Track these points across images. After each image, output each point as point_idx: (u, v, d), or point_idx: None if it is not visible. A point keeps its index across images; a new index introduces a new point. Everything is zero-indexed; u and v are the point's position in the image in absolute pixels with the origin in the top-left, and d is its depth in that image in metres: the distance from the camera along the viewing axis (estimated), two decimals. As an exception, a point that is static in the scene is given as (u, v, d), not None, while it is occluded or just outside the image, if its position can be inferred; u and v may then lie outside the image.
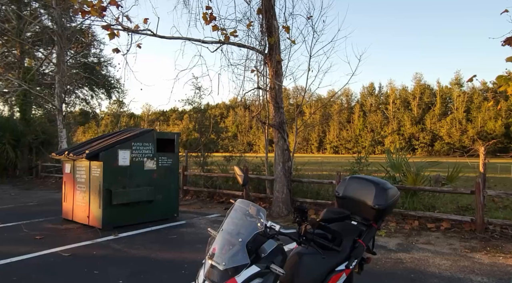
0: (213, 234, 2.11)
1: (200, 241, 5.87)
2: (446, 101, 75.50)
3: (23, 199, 10.65)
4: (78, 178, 7.19)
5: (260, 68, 8.53)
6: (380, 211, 2.75)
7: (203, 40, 7.76)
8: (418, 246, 5.65)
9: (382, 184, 2.86)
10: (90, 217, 6.81)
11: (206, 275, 1.92)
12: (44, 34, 17.14)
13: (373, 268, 4.46)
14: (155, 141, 7.33)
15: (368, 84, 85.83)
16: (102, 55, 21.25)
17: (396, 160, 8.14)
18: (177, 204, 7.85)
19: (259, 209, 2.12)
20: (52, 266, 4.63)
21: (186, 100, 14.24)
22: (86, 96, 22.79)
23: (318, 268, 2.32)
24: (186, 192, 10.89)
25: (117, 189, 6.64)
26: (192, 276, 4.18)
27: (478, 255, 5.18)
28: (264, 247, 1.97)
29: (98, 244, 5.69)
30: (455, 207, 7.82)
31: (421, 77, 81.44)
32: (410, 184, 7.57)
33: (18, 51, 17.37)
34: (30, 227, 6.82)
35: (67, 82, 14.89)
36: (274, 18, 8.06)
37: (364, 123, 79.34)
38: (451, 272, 4.44)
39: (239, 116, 77.48)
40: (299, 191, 8.96)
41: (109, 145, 6.72)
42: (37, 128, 17.71)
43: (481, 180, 6.27)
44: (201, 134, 13.94)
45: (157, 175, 7.33)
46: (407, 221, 7.03)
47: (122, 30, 6.66)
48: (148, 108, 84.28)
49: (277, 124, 8.14)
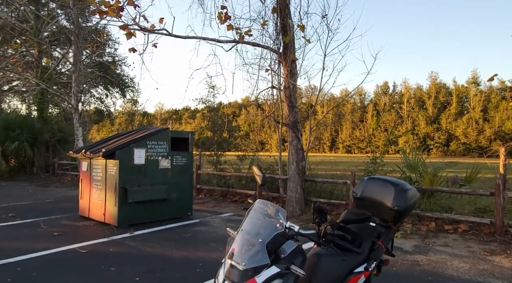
0: (233, 234, 2.10)
1: (214, 240, 5.89)
2: (462, 100, 73.87)
3: (40, 196, 10.88)
4: (94, 176, 7.30)
5: (274, 67, 8.51)
6: (399, 212, 2.71)
7: (218, 39, 7.77)
8: (435, 248, 5.55)
9: (402, 185, 2.81)
10: (106, 215, 6.91)
11: (226, 275, 1.92)
12: (61, 34, 17.46)
13: (389, 270, 4.40)
14: (169, 140, 7.39)
15: (382, 83, 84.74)
16: (117, 54, 21.60)
17: (412, 160, 8.02)
18: (191, 202, 7.90)
19: (278, 209, 2.11)
20: (70, 262, 4.72)
21: (200, 99, 14.34)
22: (101, 95, 23.13)
23: (337, 269, 2.30)
24: (200, 191, 10.95)
25: (133, 187, 6.72)
26: (207, 275, 4.20)
27: (498, 258, 5.06)
28: (284, 247, 1.96)
29: (114, 241, 5.77)
30: (473, 209, 7.64)
31: (437, 76, 79.91)
32: (427, 184, 7.44)
33: (36, 51, 17.71)
34: (48, 223, 6.96)
35: (83, 81, 15.12)
36: (289, 17, 8.01)
37: (377, 122, 78.37)
38: (470, 275, 4.35)
39: (252, 115, 77.62)
40: (313, 191, 8.90)
41: (124, 143, 6.80)
42: (53, 126, 18.03)
43: (501, 181, 6.11)
44: (214, 133, 13.99)
45: (171, 173, 7.39)
46: (424, 222, 6.91)
47: (139, 30, 6.72)
48: (161, 107, 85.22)
49: (291, 123, 8.11)
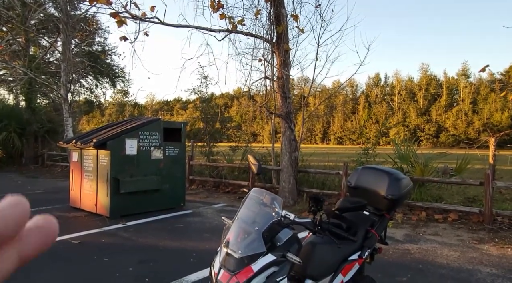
0: (228, 223, 2.10)
1: (207, 230, 5.89)
2: (452, 92, 74.56)
3: (30, 187, 10.74)
4: (85, 166, 7.22)
5: (267, 57, 8.45)
6: (393, 201, 2.72)
7: (210, 29, 7.67)
8: (425, 237, 5.64)
9: (396, 174, 2.83)
10: (97, 206, 6.85)
11: (222, 263, 1.92)
12: (49, 22, 17.04)
13: (381, 259, 4.44)
14: (162, 131, 7.32)
15: (374, 74, 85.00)
16: (107, 43, 21.12)
17: (404, 151, 8.09)
18: (183, 193, 7.88)
19: (273, 198, 2.10)
20: (62, 253, 4.67)
21: (192, 89, 14.19)
22: (91, 85, 22.72)
23: (332, 257, 2.32)
24: (192, 182, 10.92)
25: (125, 178, 6.66)
26: (200, 265, 4.21)
27: (486, 246, 5.16)
28: (280, 236, 1.96)
29: (106, 232, 5.74)
30: (463, 199, 7.78)
31: (428, 68, 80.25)
32: (418, 175, 7.53)
33: (23, 39, 17.29)
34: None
35: (72, 70, 14.84)
36: (283, 6, 7.93)
37: (369, 114, 78.84)
38: (459, 263, 4.44)
39: (244, 106, 77.33)
40: (305, 182, 8.95)
41: (116, 134, 6.72)
42: (42, 116, 17.71)
43: (491, 171, 6.22)
44: (206, 124, 13.91)
45: (163, 164, 7.34)
46: (415, 212, 7.01)
47: (130, 18, 6.59)
48: (152, 97, 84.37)
49: (284, 114, 8.09)
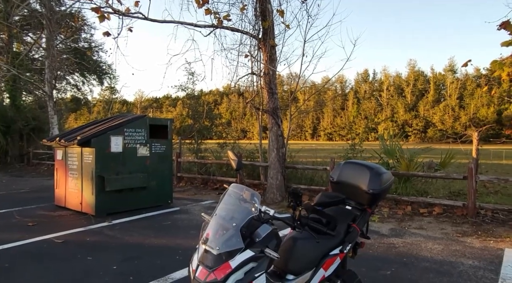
0: (207, 219, 2.08)
1: (194, 227, 5.87)
2: (439, 88, 75.62)
3: (15, 186, 10.55)
4: (70, 164, 7.11)
5: (254, 53, 8.42)
6: (375, 195, 2.74)
7: (196, 24, 7.61)
8: (410, 231, 5.71)
9: (377, 169, 2.84)
10: (83, 204, 6.76)
11: (200, 260, 1.91)
12: (32, 18, 16.67)
13: (366, 253, 4.50)
14: (147, 127, 7.25)
15: (363, 70, 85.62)
16: (93, 40, 20.75)
17: (390, 147, 8.17)
18: (171, 190, 7.83)
19: (253, 193, 2.09)
20: (45, 252, 4.60)
21: (179, 86, 14.08)
22: (77, 82, 22.35)
23: (312, 252, 2.32)
24: (180, 179, 10.87)
25: (110, 176, 6.58)
26: (186, 262, 4.18)
27: (470, 239, 5.25)
28: (259, 231, 1.95)
29: (91, 230, 5.66)
30: (447, 193, 7.90)
31: (415, 63, 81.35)
32: (403, 170, 7.62)
33: (6, 35, 16.92)
34: (22, 214, 6.76)
35: (57, 67, 14.58)
36: (268, 1, 7.90)
37: (358, 110, 79.44)
38: (442, 256, 4.50)
39: (233, 103, 77.06)
40: (293, 178, 8.97)
41: (101, 131, 6.62)
42: (27, 114, 17.38)
43: (474, 165, 6.31)
44: (194, 121, 13.83)
45: (150, 161, 7.28)
46: (400, 206, 7.09)
47: (112, 13, 6.48)
48: (140, 94, 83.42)
49: (271, 110, 8.08)
